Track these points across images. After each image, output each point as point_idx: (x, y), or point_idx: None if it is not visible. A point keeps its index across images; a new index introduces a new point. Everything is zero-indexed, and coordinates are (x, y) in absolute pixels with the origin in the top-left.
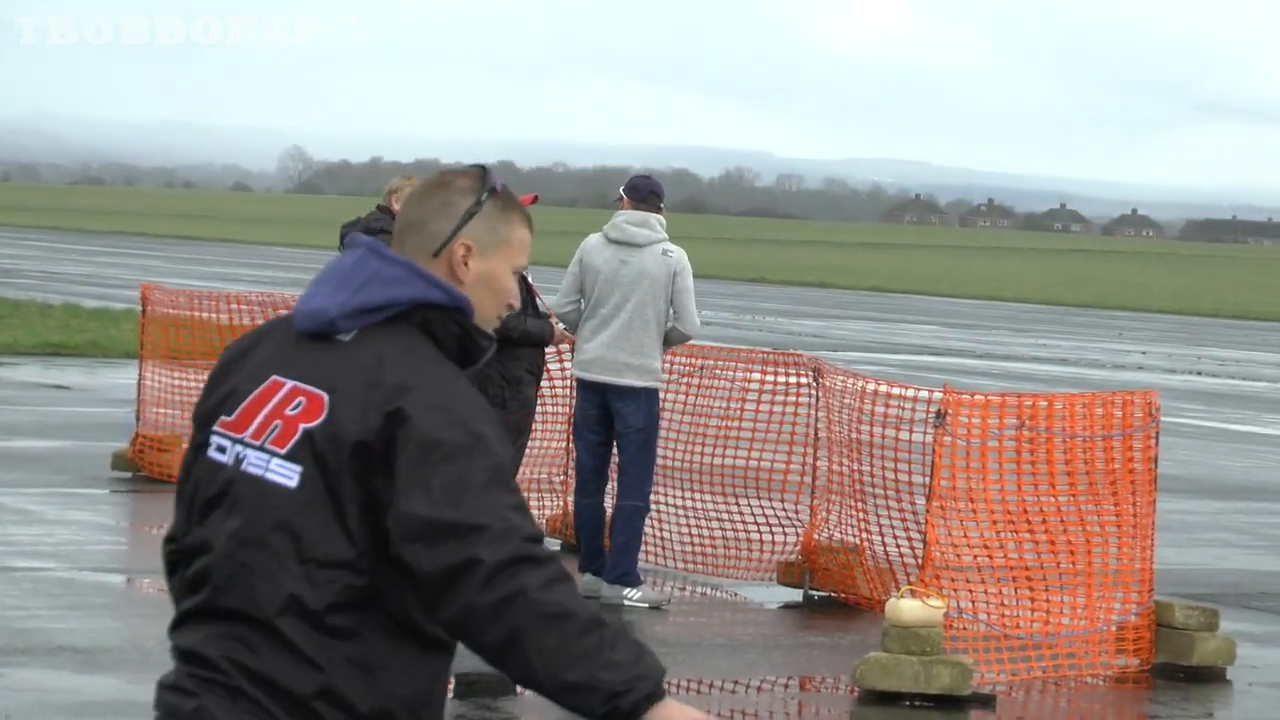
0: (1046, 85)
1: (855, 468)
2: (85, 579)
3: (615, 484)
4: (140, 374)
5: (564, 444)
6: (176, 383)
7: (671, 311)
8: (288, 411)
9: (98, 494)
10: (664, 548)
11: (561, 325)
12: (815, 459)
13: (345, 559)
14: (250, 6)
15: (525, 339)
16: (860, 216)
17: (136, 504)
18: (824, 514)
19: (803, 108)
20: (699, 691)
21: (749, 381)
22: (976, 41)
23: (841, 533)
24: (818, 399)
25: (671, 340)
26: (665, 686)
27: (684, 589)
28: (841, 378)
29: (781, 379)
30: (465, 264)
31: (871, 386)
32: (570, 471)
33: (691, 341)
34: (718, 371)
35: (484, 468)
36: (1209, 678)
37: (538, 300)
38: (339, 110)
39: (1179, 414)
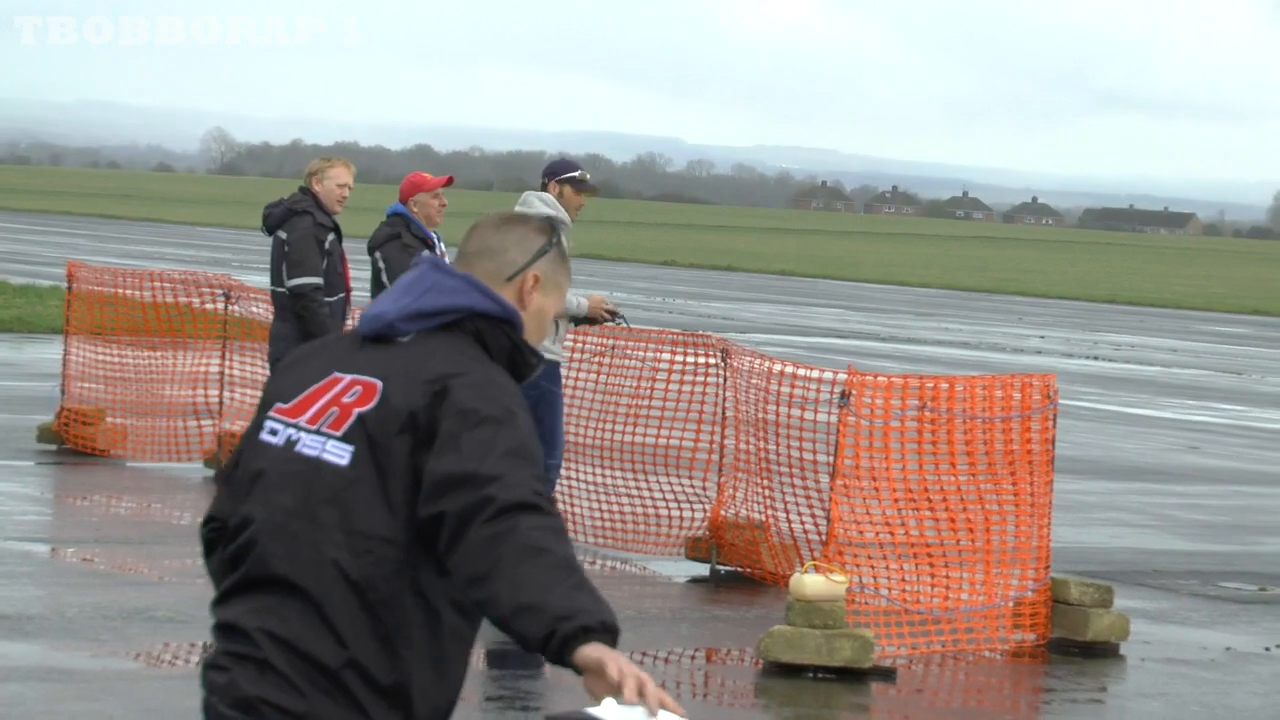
0: (951, 76)
1: (762, 446)
2: (10, 548)
3: None
4: (65, 349)
5: None
6: (101, 358)
7: None
8: (344, 399)
9: (23, 465)
10: (575, 522)
11: None
12: (723, 438)
13: (385, 533)
14: None
15: None
16: (768, 202)
17: (61, 476)
18: (731, 491)
19: (713, 96)
20: None
21: (659, 361)
22: (883, 33)
23: (748, 509)
24: (726, 379)
25: None
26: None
27: (594, 563)
28: (749, 359)
29: (691, 359)
30: (532, 293)
31: (778, 367)
32: None
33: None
34: (628, 351)
35: (511, 439)
36: (1103, 653)
37: None
38: (261, 94)
39: (1076, 397)
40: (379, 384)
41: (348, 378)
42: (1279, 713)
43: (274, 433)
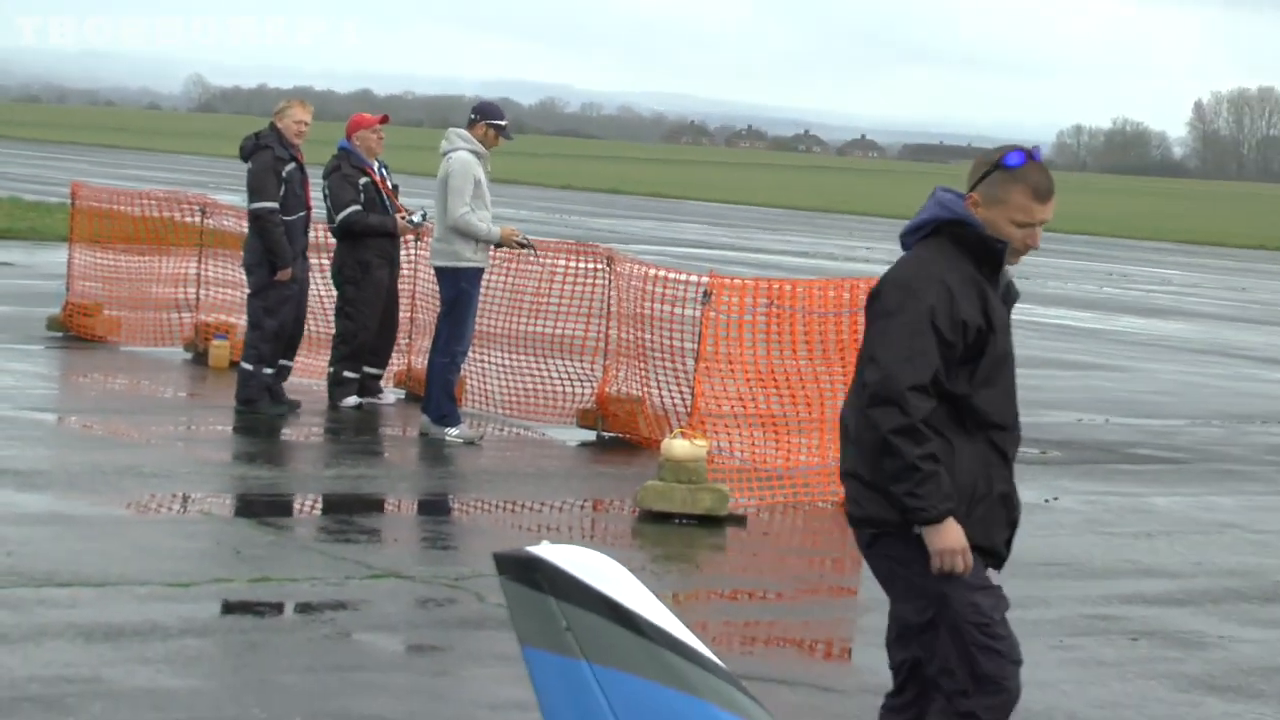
0: (793, 33)
1: (639, 336)
2: (24, 417)
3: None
4: (70, 254)
5: (408, 314)
6: (99, 261)
7: None
8: None
9: (34, 349)
10: (487, 397)
11: (409, 218)
12: (608, 328)
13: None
14: None
15: (368, 230)
16: (646, 138)
17: (66, 358)
18: (614, 372)
19: (601, 49)
20: (513, 510)
21: (556, 266)
22: None
23: (628, 387)
24: (610, 281)
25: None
26: (941, 515)
27: (502, 430)
28: (630, 265)
29: (582, 265)
30: (972, 209)
31: (653, 272)
32: (411, 336)
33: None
34: (531, 257)
35: (902, 324)
36: None
37: (388, 199)
38: (232, 43)
39: None
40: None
41: None
42: (1053, 552)
43: None
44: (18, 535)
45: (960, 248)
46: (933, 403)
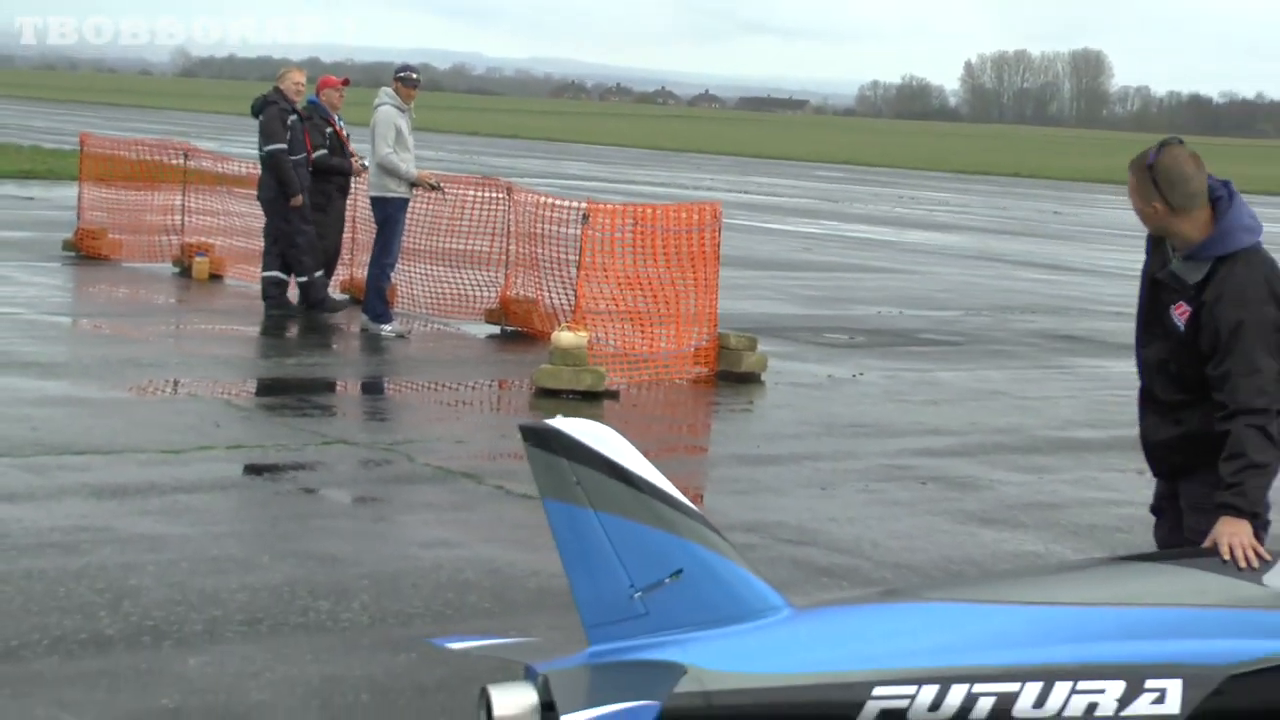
0: (653, 10)
1: (533, 250)
2: (44, 319)
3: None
4: (80, 190)
5: (350, 235)
6: (104, 195)
7: None
8: None
9: (52, 265)
10: (414, 300)
11: (361, 162)
12: (508, 244)
13: None
14: None
15: (329, 169)
16: (538, 94)
17: (77, 272)
18: (514, 279)
19: (501, 24)
20: (435, 389)
21: (466, 196)
22: None
23: (524, 291)
24: (509, 207)
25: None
26: (1254, 514)
27: (426, 326)
28: (525, 194)
29: (487, 194)
30: None
31: (544, 199)
32: (353, 253)
33: (413, 172)
34: (446, 189)
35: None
36: (751, 380)
37: (345, 143)
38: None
39: (733, 217)
40: None
41: None
42: (860, 416)
43: None
44: (40, 414)
45: None
46: None
